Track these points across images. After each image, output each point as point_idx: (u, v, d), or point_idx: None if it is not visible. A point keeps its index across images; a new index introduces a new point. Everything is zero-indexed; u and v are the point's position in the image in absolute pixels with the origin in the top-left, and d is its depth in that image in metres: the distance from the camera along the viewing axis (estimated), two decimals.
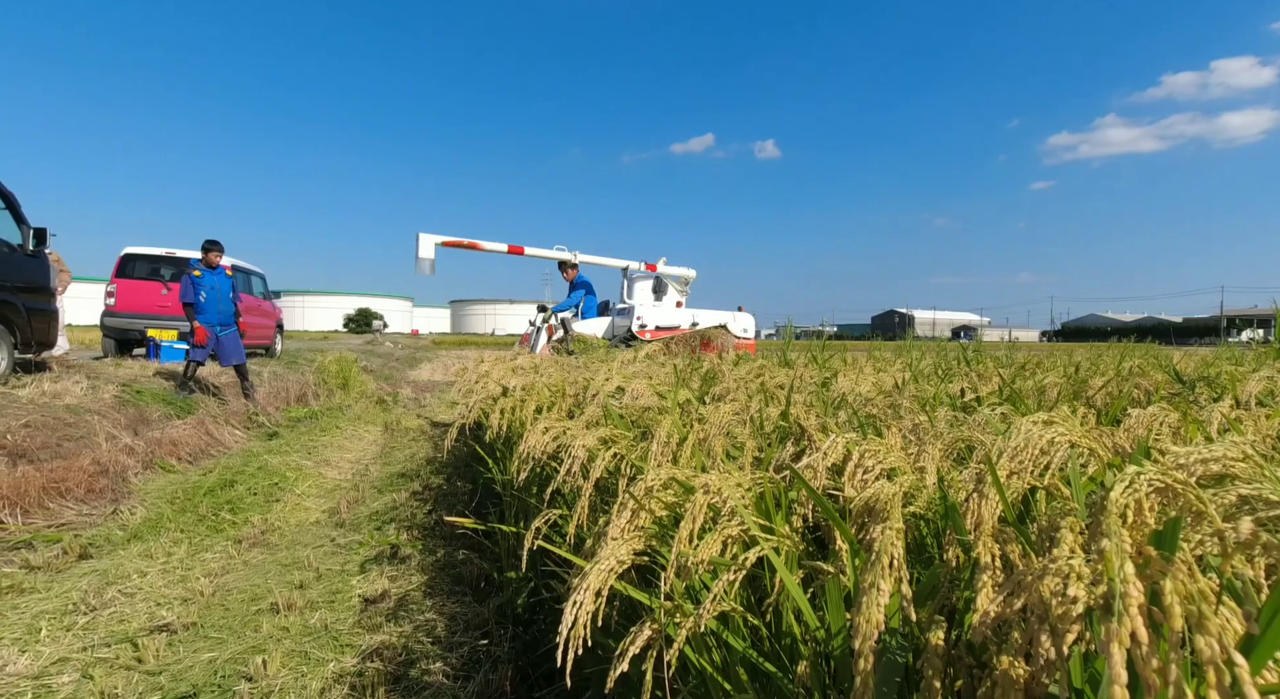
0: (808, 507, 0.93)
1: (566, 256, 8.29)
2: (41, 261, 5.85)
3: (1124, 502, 0.52)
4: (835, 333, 78.68)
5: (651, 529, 0.89)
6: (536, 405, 2.51)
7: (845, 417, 1.85)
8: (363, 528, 3.30)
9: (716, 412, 1.42)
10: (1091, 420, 1.84)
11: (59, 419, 4.83)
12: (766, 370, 3.36)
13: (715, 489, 0.81)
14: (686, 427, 1.55)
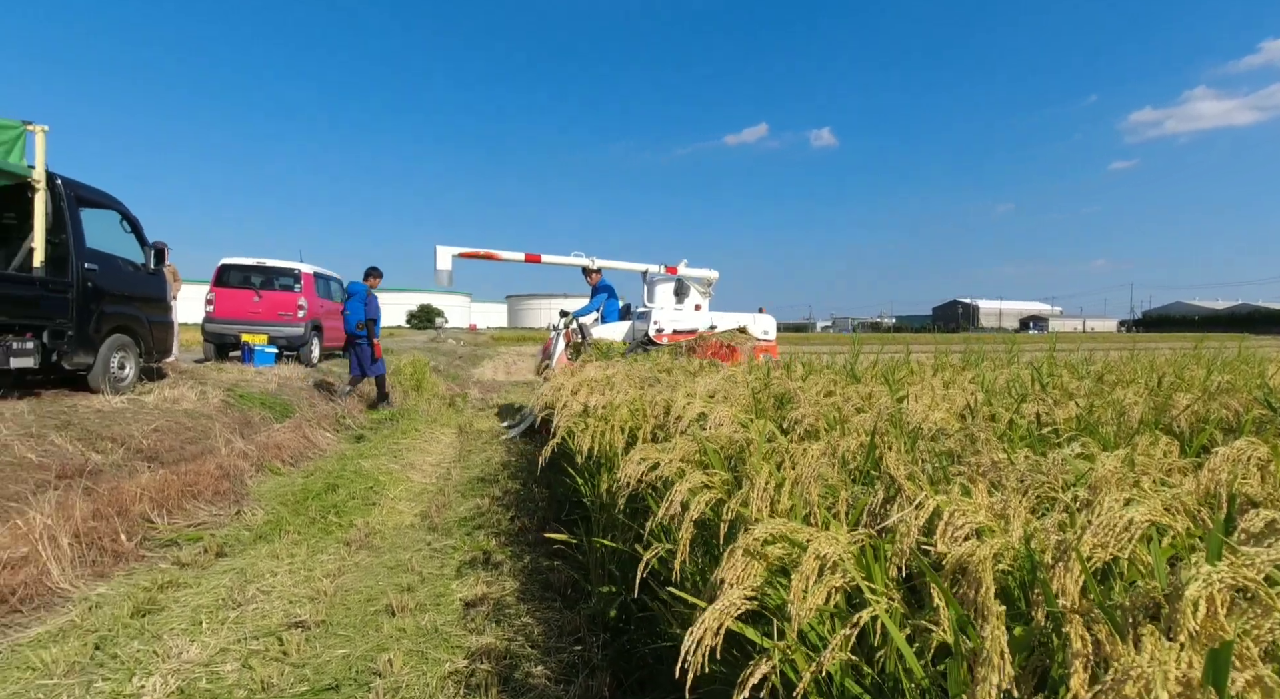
0: (903, 558, 1.05)
1: (584, 262, 8.36)
2: (159, 277, 6.45)
3: (1197, 596, 0.63)
4: (894, 325, 77.85)
5: (761, 575, 1.03)
6: (620, 425, 2.68)
7: (923, 446, 1.94)
8: (454, 533, 3.57)
9: (805, 454, 1.54)
10: (1175, 452, 1.87)
11: (180, 423, 5.35)
12: (837, 387, 3.43)
13: (822, 554, 0.95)
14: (776, 464, 1.68)
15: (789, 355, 18.89)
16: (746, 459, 1.84)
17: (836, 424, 2.27)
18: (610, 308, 8.48)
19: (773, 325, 8.32)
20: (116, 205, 5.97)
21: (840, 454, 1.71)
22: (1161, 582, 0.76)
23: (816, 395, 3.14)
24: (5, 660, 2.08)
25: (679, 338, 7.48)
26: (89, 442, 4.32)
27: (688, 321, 7.76)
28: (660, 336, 7.41)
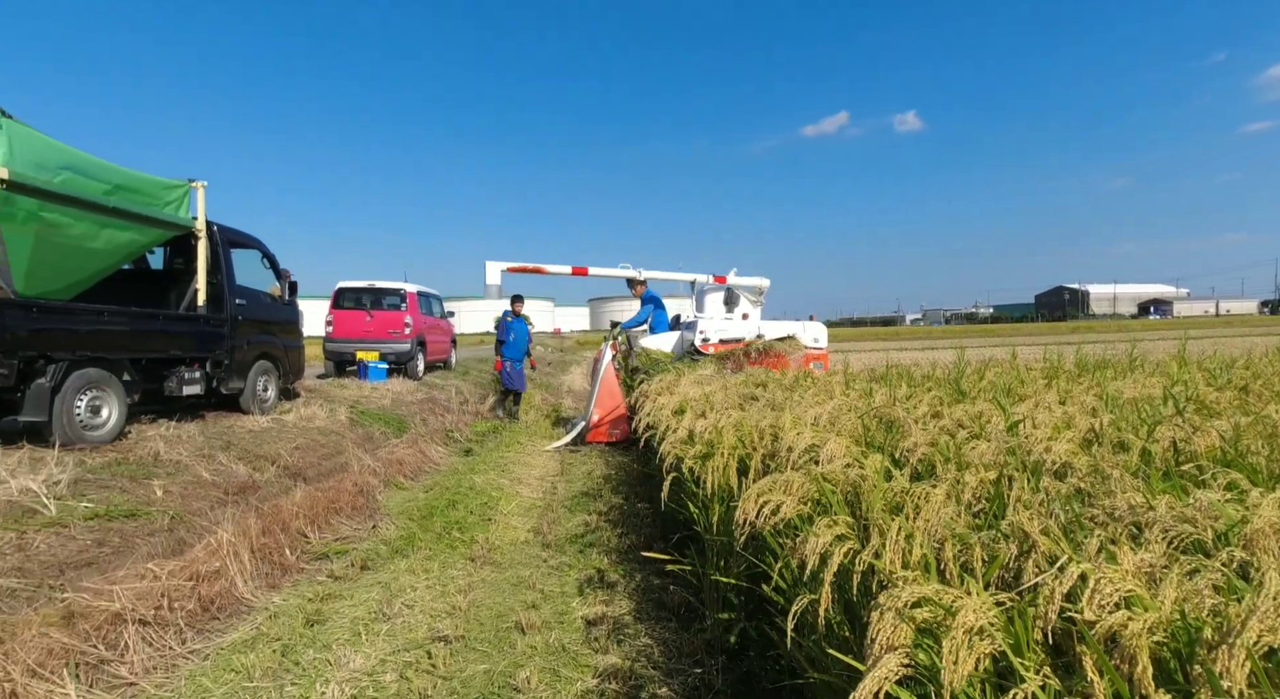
0: (1047, 623, 1.08)
1: (631, 274, 8.39)
2: (293, 305, 7.15)
3: None
4: (992, 315, 72.78)
5: (909, 637, 1.10)
6: (728, 451, 2.77)
7: (1047, 482, 1.91)
8: (566, 549, 3.78)
9: (928, 500, 1.57)
10: None
11: (315, 441, 5.92)
12: (944, 406, 3.36)
13: (970, 625, 1.00)
14: (896, 506, 1.72)
15: (881, 358, 18.45)
16: (866, 498, 1.89)
17: (951, 455, 2.25)
18: (659, 318, 8.59)
19: (824, 333, 8.15)
20: (258, 244, 6.68)
21: (962, 496, 1.73)
22: None
23: (923, 417, 3.11)
24: (215, 664, 2.45)
25: (725, 347, 7.45)
26: (248, 460, 4.89)
27: (734, 330, 7.71)
28: (706, 346, 7.39)
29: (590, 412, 6.98)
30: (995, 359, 15.37)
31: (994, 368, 5.66)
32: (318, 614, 2.86)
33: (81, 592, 2.57)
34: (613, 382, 7.09)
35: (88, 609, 2.47)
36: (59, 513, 3.32)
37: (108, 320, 4.66)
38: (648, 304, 8.51)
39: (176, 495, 4.02)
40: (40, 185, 4.12)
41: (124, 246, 5.04)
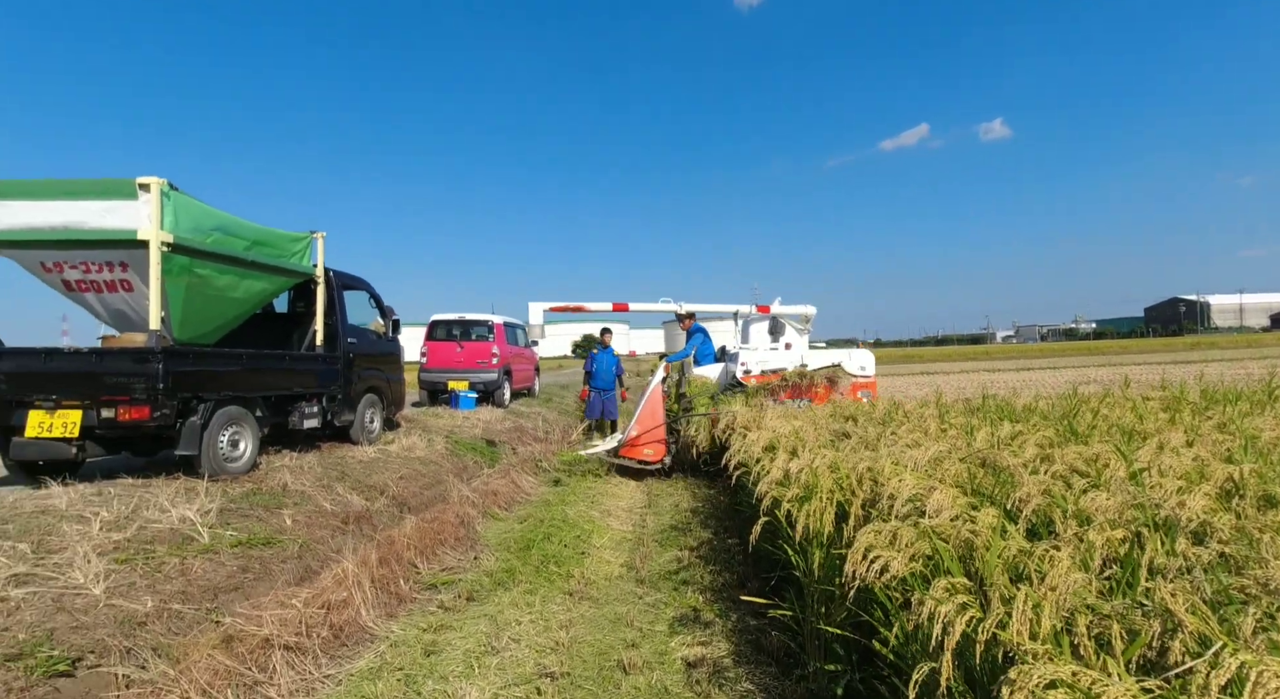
0: None
1: (673, 308, 8.51)
2: (395, 341, 7.68)
3: None
4: (1094, 330, 67.46)
5: None
6: (826, 495, 2.76)
7: (1183, 545, 1.80)
8: (660, 586, 3.84)
9: (1053, 564, 1.53)
10: None
11: (417, 471, 6.30)
12: (1055, 449, 3.21)
13: None
14: (1018, 570, 1.69)
15: (972, 381, 17.60)
16: (981, 557, 1.85)
17: (1069, 508, 2.17)
18: (705, 350, 8.74)
19: (871, 361, 7.98)
20: (366, 286, 7.24)
21: (1091, 560, 1.67)
22: None
23: (1032, 461, 2.98)
24: (347, 689, 2.66)
25: (767, 378, 7.40)
26: (360, 491, 5.27)
27: (776, 361, 7.72)
28: (747, 378, 7.37)
29: (630, 427, 7.08)
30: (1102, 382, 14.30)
31: (1106, 400, 5.30)
32: (433, 645, 3.05)
33: (236, 616, 2.87)
34: (658, 402, 7.17)
35: (241, 633, 2.76)
36: (210, 540, 3.71)
37: (245, 362, 5.19)
38: (695, 335, 8.67)
39: (303, 524, 4.40)
40: (196, 246, 4.68)
41: (258, 294, 5.61)
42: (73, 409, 4.30)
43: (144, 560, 3.32)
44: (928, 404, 6.03)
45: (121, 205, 4.40)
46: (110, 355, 4.39)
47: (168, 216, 4.47)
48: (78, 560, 3.10)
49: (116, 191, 4.39)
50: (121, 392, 4.28)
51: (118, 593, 2.99)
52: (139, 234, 4.37)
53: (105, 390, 4.28)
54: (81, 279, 4.68)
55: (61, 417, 4.29)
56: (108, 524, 3.59)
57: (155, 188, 4.38)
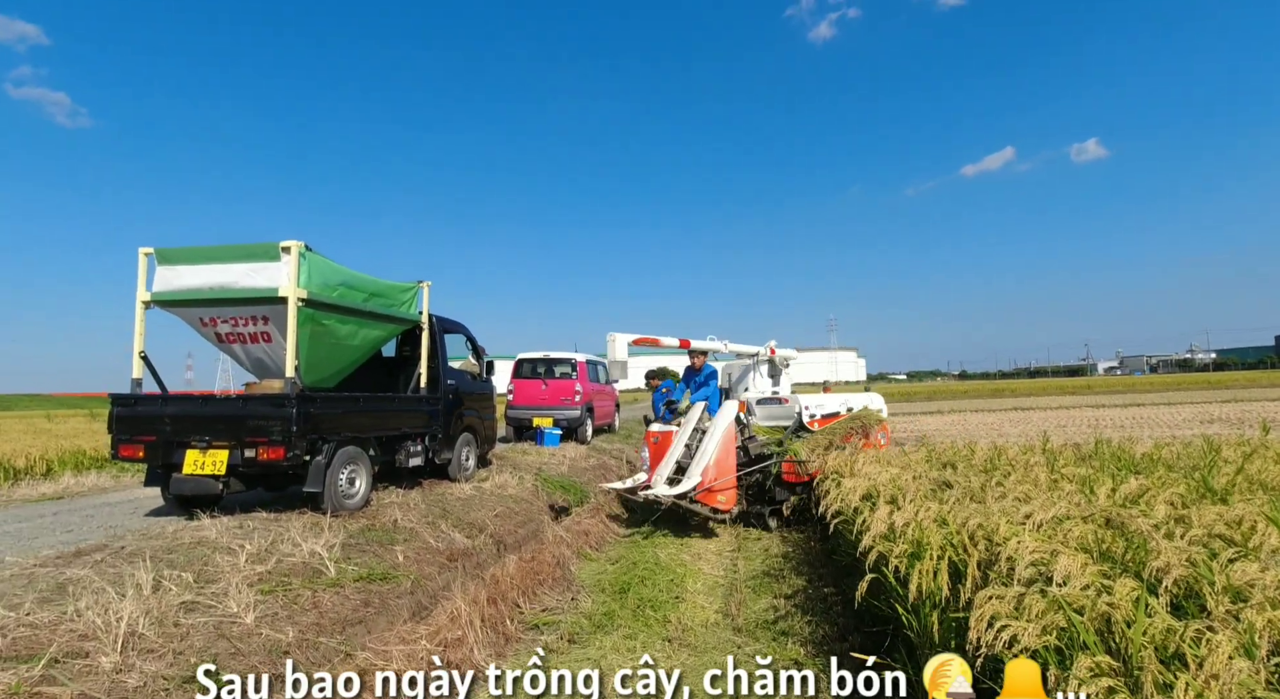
0: None
1: (716, 346, 8.13)
2: (489, 382, 8.09)
3: None
4: (1214, 360, 61.67)
5: None
6: (938, 550, 2.71)
7: None
8: (759, 636, 3.82)
9: (1212, 650, 1.47)
10: None
11: (510, 509, 6.55)
12: (1190, 508, 3.01)
13: None
14: (1168, 651, 1.63)
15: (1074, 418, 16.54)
16: (1123, 633, 1.79)
17: (1218, 582, 2.05)
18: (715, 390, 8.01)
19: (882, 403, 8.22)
20: (463, 329, 7.71)
21: (1252, 642, 1.59)
22: None
23: (1166, 523, 2.81)
24: None
25: (828, 421, 7.41)
26: (461, 528, 5.55)
27: (830, 405, 7.76)
28: (813, 423, 7.33)
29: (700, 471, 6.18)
30: (1228, 420, 13.03)
31: (1242, 449, 4.88)
32: (543, 692, 3.16)
33: (367, 651, 3.11)
34: (730, 446, 6.50)
35: (371, 667, 2.98)
36: (336, 574, 4.03)
37: (362, 405, 5.64)
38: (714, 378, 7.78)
39: (413, 560, 4.68)
40: (324, 299, 5.19)
41: (373, 341, 6.11)
42: (221, 449, 4.81)
43: (283, 592, 3.65)
44: (1032, 450, 5.74)
45: (266, 266, 4.96)
46: (253, 400, 4.90)
47: (303, 275, 5.00)
48: (231, 591, 3.45)
49: (262, 254, 4.96)
50: (261, 433, 4.76)
51: (265, 622, 3.30)
52: (280, 291, 4.90)
53: (248, 432, 4.77)
54: (231, 332, 5.27)
55: (212, 455, 4.81)
56: (252, 557, 3.97)
57: (294, 250, 4.92)
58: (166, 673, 2.70)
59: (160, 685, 2.62)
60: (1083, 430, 13.98)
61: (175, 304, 5.22)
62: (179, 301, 5.19)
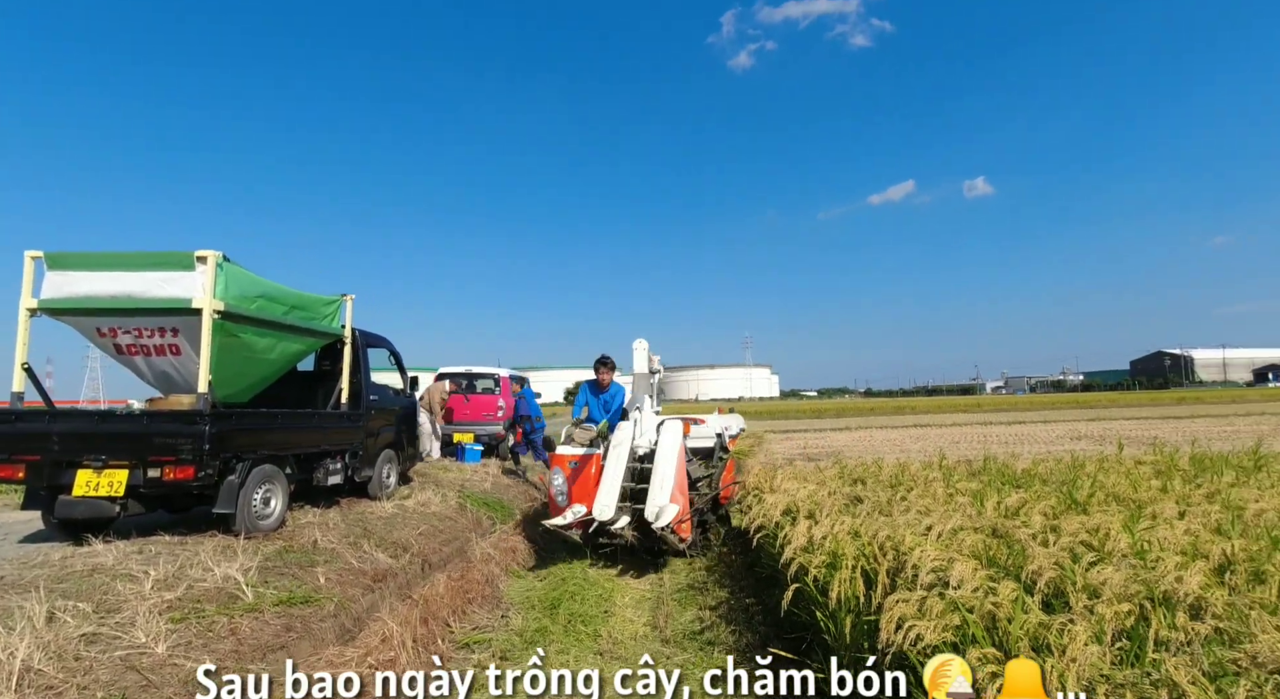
0: None
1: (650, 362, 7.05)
2: (412, 397, 7.90)
3: None
4: (1082, 383, 67.79)
5: None
6: (853, 560, 2.99)
7: (1182, 619, 2.04)
8: (687, 646, 3.99)
9: (1073, 641, 1.77)
10: None
11: (434, 527, 6.42)
12: (1060, 519, 3.46)
13: None
14: (1039, 641, 1.92)
15: (965, 436, 17.83)
16: (1004, 628, 2.09)
17: (1078, 581, 2.41)
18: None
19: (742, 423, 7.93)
20: (387, 344, 7.51)
21: (1102, 631, 1.91)
22: None
23: (1041, 532, 3.23)
24: None
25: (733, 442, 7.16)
26: (385, 548, 5.40)
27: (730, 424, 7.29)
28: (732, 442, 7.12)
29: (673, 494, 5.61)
30: (1093, 437, 14.42)
31: (1102, 465, 5.59)
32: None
33: (297, 673, 3.01)
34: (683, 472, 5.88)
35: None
36: (254, 599, 3.85)
37: (280, 422, 5.40)
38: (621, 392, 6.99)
39: (335, 582, 4.53)
40: (242, 312, 4.97)
41: (292, 355, 5.87)
42: (120, 469, 4.48)
43: (196, 619, 3.46)
44: (931, 466, 6.30)
45: (179, 276, 4.69)
46: (160, 417, 4.60)
47: (219, 286, 4.77)
48: (139, 620, 3.25)
49: (176, 263, 4.69)
50: (168, 451, 4.47)
51: (178, 652, 3.13)
52: (194, 302, 4.65)
53: (153, 451, 4.47)
54: (133, 343, 4.93)
55: (109, 476, 4.47)
56: (159, 583, 3.73)
57: (211, 260, 4.69)
58: None
59: None
60: (974, 446, 15.26)
61: (68, 312, 4.82)
62: (72, 310, 4.80)
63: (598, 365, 6.67)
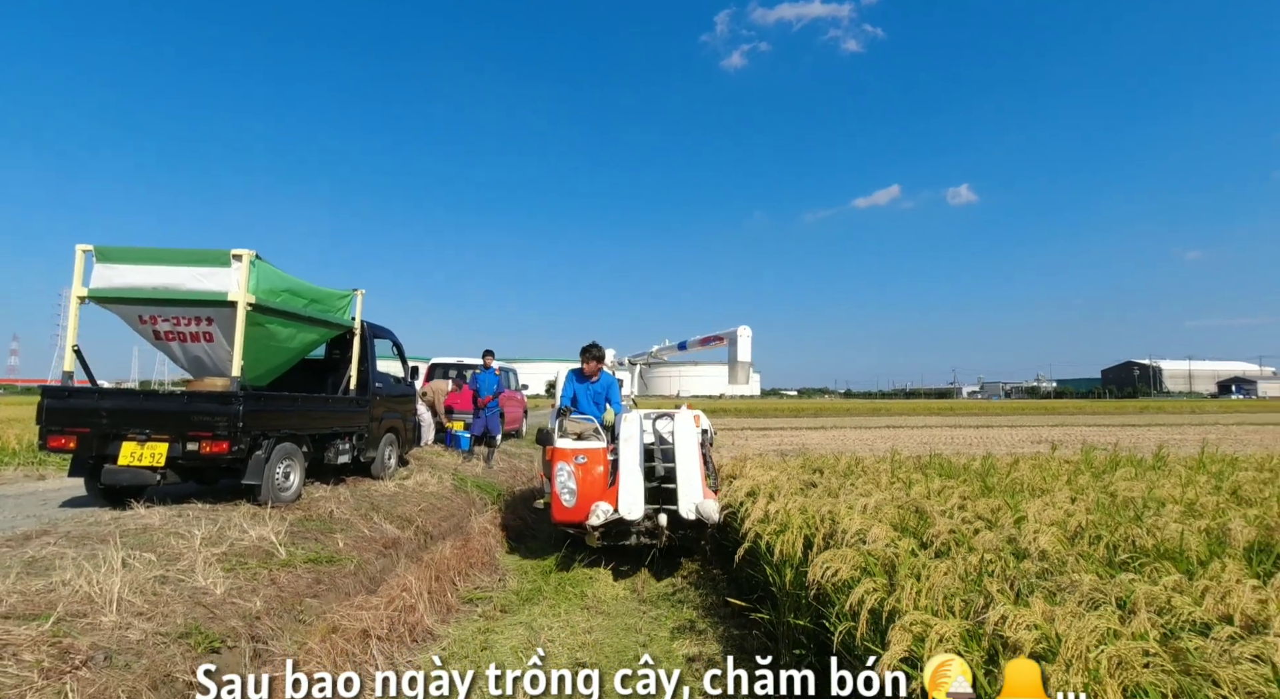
0: (989, 637, 1.97)
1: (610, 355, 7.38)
2: (412, 385, 8.48)
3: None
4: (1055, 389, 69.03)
5: (909, 642, 1.99)
6: (797, 531, 3.67)
7: (1027, 564, 2.75)
8: (660, 605, 4.67)
9: (935, 571, 2.45)
10: (1239, 578, 2.54)
11: (434, 505, 7.03)
12: (969, 501, 4.18)
13: (942, 633, 1.91)
14: (918, 574, 2.61)
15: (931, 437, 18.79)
16: (897, 567, 2.78)
17: (964, 542, 3.12)
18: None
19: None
20: (390, 335, 8.08)
21: (967, 571, 2.61)
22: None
23: (952, 508, 3.95)
24: (427, 671, 3.43)
25: None
26: (392, 520, 6.00)
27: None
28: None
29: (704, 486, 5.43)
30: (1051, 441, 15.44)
31: (1028, 462, 6.36)
32: (485, 642, 3.83)
33: (337, 612, 3.64)
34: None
35: (343, 627, 3.52)
36: (287, 556, 4.45)
37: (299, 405, 5.97)
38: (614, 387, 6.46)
39: (352, 547, 5.13)
40: (269, 305, 5.53)
41: (309, 344, 6.43)
42: (161, 442, 5.03)
43: (242, 570, 4.06)
44: (884, 460, 7.03)
45: (216, 271, 5.25)
46: (198, 397, 5.16)
47: (252, 281, 5.33)
48: (197, 567, 3.84)
49: (213, 260, 5.25)
50: (206, 428, 5.03)
51: (233, 594, 3.73)
52: (229, 296, 5.21)
53: (192, 426, 5.03)
54: (170, 330, 5.47)
55: (151, 447, 5.02)
56: (205, 540, 4.31)
57: (245, 258, 5.25)
58: (160, 630, 3.13)
59: (158, 640, 3.05)
60: (939, 446, 16.16)
61: (113, 301, 5.34)
62: (118, 299, 5.33)
63: (585, 354, 6.14)
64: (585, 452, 5.45)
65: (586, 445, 5.47)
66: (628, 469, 5.15)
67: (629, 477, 5.12)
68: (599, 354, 6.16)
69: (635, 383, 6.77)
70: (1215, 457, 6.72)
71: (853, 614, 2.48)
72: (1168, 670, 1.60)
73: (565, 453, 5.40)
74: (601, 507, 5.06)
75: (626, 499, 5.02)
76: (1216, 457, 6.73)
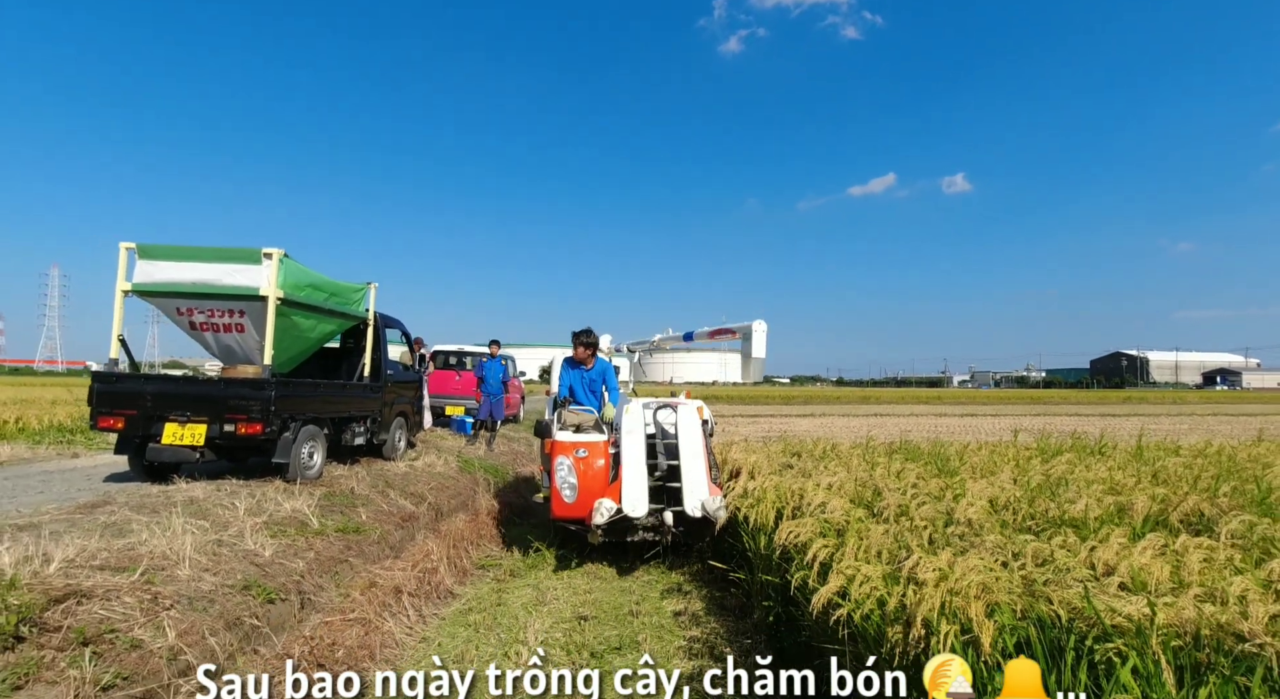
0: (906, 576, 2.56)
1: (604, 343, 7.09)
2: (420, 372, 9.01)
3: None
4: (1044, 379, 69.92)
5: (845, 579, 2.57)
6: (770, 505, 4.25)
7: (953, 529, 3.35)
8: (650, 568, 5.26)
9: (873, 532, 3.03)
10: (1122, 541, 3.13)
11: (443, 484, 7.60)
12: (922, 481, 4.76)
13: (868, 576, 2.48)
14: (861, 535, 3.19)
15: (915, 426, 19.54)
16: (846, 532, 3.37)
17: (907, 513, 3.70)
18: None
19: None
20: (399, 325, 8.59)
21: (901, 533, 3.18)
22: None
23: (906, 486, 4.53)
24: (450, 621, 4.01)
25: None
26: (407, 497, 6.57)
27: None
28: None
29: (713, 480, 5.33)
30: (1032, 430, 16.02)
31: (988, 447, 6.97)
32: (499, 600, 4.41)
33: (371, 571, 4.20)
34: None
35: (379, 580, 4.09)
36: (320, 526, 5.01)
37: (322, 391, 6.50)
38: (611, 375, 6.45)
39: (374, 519, 5.69)
40: (295, 299, 6.03)
41: (327, 334, 6.94)
42: (200, 423, 5.56)
43: (283, 536, 4.61)
44: (859, 446, 7.64)
45: (248, 268, 5.74)
46: (234, 383, 5.68)
47: (280, 277, 5.83)
48: (246, 533, 4.38)
49: (246, 258, 5.74)
50: (241, 411, 5.56)
51: (280, 556, 4.28)
52: (261, 290, 5.71)
53: (228, 409, 5.56)
54: (205, 321, 5.97)
55: (191, 428, 5.55)
56: (248, 511, 4.86)
57: (275, 256, 5.75)
58: (226, 583, 3.68)
59: (226, 590, 3.61)
60: (922, 433, 16.86)
61: (154, 294, 5.84)
62: (158, 292, 5.82)
63: (577, 341, 5.90)
64: (585, 445, 5.21)
65: (587, 438, 5.25)
66: (631, 464, 4.89)
67: (632, 472, 4.87)
68: (590, 340, 5.89)
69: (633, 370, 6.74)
70: (1160, 445, 7.35)
71: (809, 566, 3.06)
72: (1017, 593, 2.17)
73: (565, 446, 5.19)
74: (605, 504, 4.81)
75: (630, 496, 4.79)
76: (1162, 445, 7.37)
